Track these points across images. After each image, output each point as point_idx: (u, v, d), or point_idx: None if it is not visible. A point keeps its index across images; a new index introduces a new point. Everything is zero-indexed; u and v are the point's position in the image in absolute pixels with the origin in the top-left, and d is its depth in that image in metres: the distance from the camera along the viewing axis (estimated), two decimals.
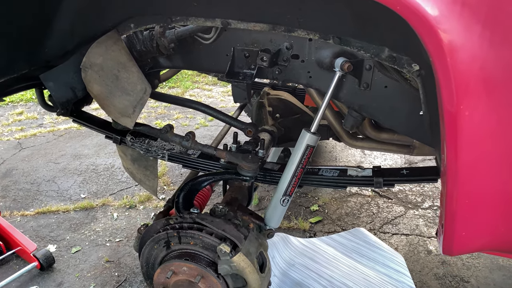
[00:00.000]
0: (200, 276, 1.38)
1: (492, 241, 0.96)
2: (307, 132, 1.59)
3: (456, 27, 0.71)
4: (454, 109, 0.76)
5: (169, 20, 1.58)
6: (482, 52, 0.73)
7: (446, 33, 0.71)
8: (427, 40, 0.73)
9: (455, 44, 0.72)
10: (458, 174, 0.84)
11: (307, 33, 1.48)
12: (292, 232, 2.85)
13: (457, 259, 2.59)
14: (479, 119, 0.77)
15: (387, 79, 1.50)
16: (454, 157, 0.82)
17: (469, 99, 0.75)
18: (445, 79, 0.75)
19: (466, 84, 0.74)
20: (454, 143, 0.80)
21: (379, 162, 3.87)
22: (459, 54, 0.72)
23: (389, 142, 2.00)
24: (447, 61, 0.72)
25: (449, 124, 0.79)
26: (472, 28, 0.72)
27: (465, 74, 0.74)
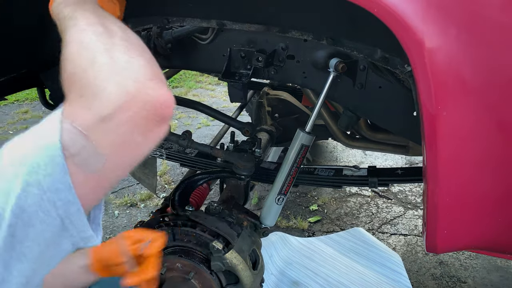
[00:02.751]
0: (193, 273, 1.40)
1: (477, 239, 0.97)
2: (302, 132, 1.61)
3: (433, 29, 0.73)
4: (432, 109, 0.78)
5: (166, 20, 1.61)
6: (459, 53, 0.74)
7: (422, 34, 0.72)
8: (404, 41, 0.75)
9: (432, 45, 0.74)
10: (437, 172, 0.85)
11: (300, 34, 1.50)
12: (291, 232, 2.87)
13: (455, 259, 2.59)
14: (457, 119, 0.79)
15: (381, 79, 1.52)
16: (433, 156, 0.84)
17: (446, 99, 0.77)
18: (422, 79, 0.76)
19: (443, 85, 0.76)
20: (432, 142, 0.82)
21: (379, 163, 3.88)
22: (436, 55, 0.74)
23: (385, 142, 2.02)
24: (425, 62, 0.74)
25: (427, 123, 0.81)
26: (448, 30, 0.73)
27: (442, 75, 0.75)
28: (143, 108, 0.60)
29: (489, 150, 0.81)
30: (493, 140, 0.80)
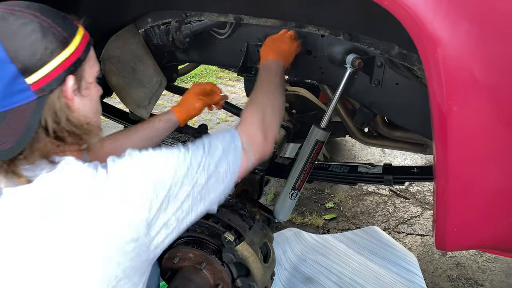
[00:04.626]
0: (205, 263, 1.43)
1: (487, 238, 0.96)
2: (316, 128, 1.61)
3: (444, 23, 0.72)
4: (442, 104, 0.77)
5: (184, 15, 1.63)
6: (470, 48, 0.73)
7: (433, 28, 0.72)
8: (415, 35, 0.74)
9: (443, 40, 0.73)
10: (447, 168, 0.84)
11: (317, 29, 1.49)
12: (306, 228, 2.87)
13: (473, 262, 2.54)
14: (468, 115, 0.78)
15: (398, 76, 1.50)
16: (443, 152, 0.83)
17: (457, 95, 0.76)
18: (434, 74, 0.76)
19: (454, 80, 0.75)
20: (442, 138, 0.81)
21: (398, 162, 3.82)
22: (447, 50, 0.73)
23: (402, 140, 1.99)
24: (436, 56, 0.73)
25: (438, 119, 0.80)
26: (460, 25, 0.72)
27: (453, 70, 0.74)
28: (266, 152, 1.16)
29: (500, 147, 0.80)
30: (505, 136, 0.78)
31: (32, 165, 0.84)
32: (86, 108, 0.92)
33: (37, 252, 0.82)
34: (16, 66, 0.79)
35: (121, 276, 0.87)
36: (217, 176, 0.98)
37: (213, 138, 1.04)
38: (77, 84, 0.89)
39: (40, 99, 0.82)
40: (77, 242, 0.82)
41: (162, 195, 0.88)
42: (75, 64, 0.87)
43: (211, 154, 0.98)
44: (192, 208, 0.95)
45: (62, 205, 0.82)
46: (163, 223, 0.90)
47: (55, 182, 0.84)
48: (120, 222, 0.84)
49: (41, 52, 0.81)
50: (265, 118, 1.16)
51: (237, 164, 1.04)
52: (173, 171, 0.90)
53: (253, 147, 1.09)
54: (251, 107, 1.20)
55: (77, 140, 0.92)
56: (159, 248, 0.94)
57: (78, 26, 0.91)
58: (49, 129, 0.85)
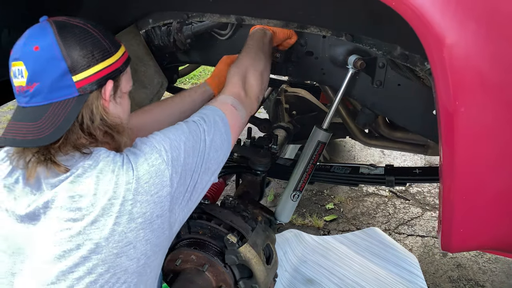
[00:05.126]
0: (207, 265, 1.42)
1: (492, 240, 0.95)
2: (318, 129, 1.61)
3: (452, 24, 0.72)
4: (449, 105, 0.77)
5: (186, 16, 1.63)
6: (478, 48, 0.73)
7: (441, 29, 0.71)
8: (423, 36, 0.74)
9: (450, 40, 0.73)
10: (454, 169, 0.84)
11: (319, 30, 1.49)
12: (306, 229, 2.86)
13: (473, 262, 2.54)
14: (475, 116, 0.78)
15: (401, 77, 1.50)
16: (450, 153, 0.82)
17: (464, 95, 0.76)
18: (441, 75, 0.75)
19: (461, 81, 0.75)
20: (449, 139, 0.80)
21: (398, 163, 3.82)
22: (454, 50, 0.73)
23: (403, 141, 2.00)
24: (443, 56, 0.73)
25: (445, 120, 0.79)
26: (467, 25, 0.72)
27: (460, 71, 0.74)
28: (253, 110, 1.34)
29: (507, 148, 0.79)
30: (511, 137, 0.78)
31: (67, 156, 0.94)
32: (118, 112, 1.04)
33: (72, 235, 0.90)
34: (66, 64, 0.90)
35: (149, 253, 0.96)
36: (216, 146, 1.10)
37: (203, 114, 1.14)
38: (114, 90, 1.00)
39: (81, 97, 0.93)
40: (114, 224, 0.90)
41: (180, 170, 0.99)
42: (115, 73, 0.99)
43: (207, 127, 1.09)
44: (199, 178, 1.06)
45: (97, 189, 0.91)
46: (182, 196, 1.01)
47: (90, 168, 0.93)
48: (150, 202, 0.93)
49: (89, 56, 0.93)
50: (247, 79, 1.33)
51: (228, 132, 1.15)
52: (183, 145, 1.02)
53: (241, 104, 1.25)
54: (233, 69, 1.35)
55: (108, 139, 1.02)
56: (177, 224, 1.04)
57: (121, 45, 1.05)
58: (84, 125, 0.95)
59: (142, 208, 0.92)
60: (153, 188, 0.94)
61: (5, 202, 0.96)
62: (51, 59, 0.89)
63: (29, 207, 0.93)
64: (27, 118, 0.91)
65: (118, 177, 0.92)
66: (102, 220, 0.89)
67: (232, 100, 1.23)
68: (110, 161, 0.94)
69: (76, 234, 0.89)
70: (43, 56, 0.89)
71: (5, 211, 0.96)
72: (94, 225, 0.89)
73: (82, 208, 0.90)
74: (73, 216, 0.90)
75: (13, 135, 0.90)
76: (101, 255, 0.90)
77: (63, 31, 0.91)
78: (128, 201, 0.91)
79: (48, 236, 0.91)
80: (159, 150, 0.97)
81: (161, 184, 0.95)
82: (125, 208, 0.91)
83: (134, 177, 0.92)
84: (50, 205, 0.91)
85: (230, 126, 1.16)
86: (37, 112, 0.91)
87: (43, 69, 0.89)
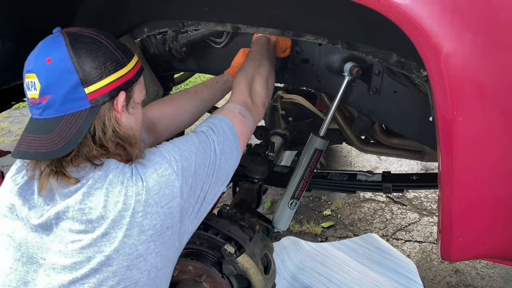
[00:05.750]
0: (205, 275, 1.40)
1: (493, 248, 0.95)
2: (315, 136, 1.60)
3: (449, 33, 0.72)
4: (447, 114, 0.76)
5: (181, 24, 1.62)
6: (475, 57, 0.73)
7: (438, 38, 0.71)
8: (420, 46, 0.74)
9: (448, 50, 0.73)
10: (453, 178, 0.84)
11: (315, 38, 1.49)
12: (304, 236, 2.85)
13: (471, 268, 2.54)
14: (473, 125, 0.77)
15: (397, 84, 1.50)
16: (449, 162, 0.82)
17: (462, 105, 0.76)
18: (438, 84, 0.75)
19: (459, 90, 0.74)
20: (448, 148, 0.80)
21: (394, 168, 3.83)
22: (452, 60, 0.73)
23: (400, 147, 2.00)
24: (440, 66, 0.72)
25: (443, 129, 0.79)
26: (464, 34, 0.72)
27: (458, 80, 0.74)
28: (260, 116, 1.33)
29: (507, 157, 0.79)
30: (510, 146, 0.78)
31: (78, 168, 0.94)
32: (131, 123, 1.03)
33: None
34: (78, 76, 0.90)
35: (160, 266, 0.96)
36: (225, 156, 1.09)
37: (211, 124, 1.13)
38: (127, 101, 1.00)
39: (93, 109, 0.93)
40: (124, 235, 0.90)
41: (190, 181, 0.99)
42: (127, 84, 0.98)
43: (216, 137, 1.08)
44: (209, 189, 1.05)
45: (106, 201, 0.91)
46: (192, 207, 1.01)
47: (100, 180, 0.93)
48: (160, 214, 0.93)
49: (101, 67, 0.92)
50: (253, 86, 1.32)
51: (237, 141, 1.14)
52: (194, 155, 1.01)
53: (248, 112, 1.24)
54: (239, 77, 1.35)
55: (121, 151, 1.03)
56: (186, 235, 1.04)
57: (134, 54, 1.03)
58: (96, 137, 0.95)
59: (153, 220, 0.92)
60: (163, 199, 0.93)
61: (21, 211, 0.97)
62: (63, 72, 0.89)
63: (42, 217, 0.94)
64: (40, 130, 0.91)
65: (128, 189, 0.91)
66: (113, 233, 0.89)
67: (239, 108, 1.22)
68: (119, 172, 0.94)
69: (87, 246, 0.89)
70: (55, 68, 0.89)
71: (21, 219, 0.97)
72: (105, 237, 0.89)
73: (92, 220, 0.90)
74: (84, 228, 0.90)
75: (26, 148, 0.91)
76: (111, 268, 0.89)
77: (75, 42, 0.91)
78: (138, 212, 0.91)
79: (60, 247, 0.92)
80: (168, 160, 0.97)
81: (171, 195, 0.94)
82: (135, 220, 0.91)
83: (144, 188, 0.92)
84: (61, 216, 0.92)
85: (238, 135, 1.15)
86: (50, 125, 0.91)
87: (56, 82, 0.89)
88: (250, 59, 1.42)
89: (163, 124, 1.41)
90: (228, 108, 1.23)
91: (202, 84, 1.52)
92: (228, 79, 1.53)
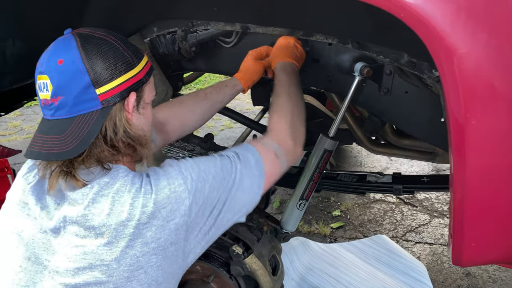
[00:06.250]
0: (213, 276, 1.40)
1: (506, 254, 0.93)
2: (325, 137, 1.59)
3: (462, 34, 0.70)
4: (460, 117, 0.74)
5: (191, 24, 1.62)
6: (489, 58, 0.71)
7: (451, 39, 0.70)
8: (432, 47, 0.72)
9: (461, 51, 0.71)
10: (465, 182, 0.82)
11: (325, 38, 1.48)
12: (313, 237, 2.83)
13: (483, 271, 2.50)
14: (487, 127, 0.75)
15: (408, 84, 1.48)
16: (461, 165, 0.80)
17: (476, 107, 0.74)
18: (451, 86, 0.73)
19: (472, 92, 0.73)
20: (460, 151, 0.78)
21: (405, 169, 3.79)
22: (465, 61, 0.71)
23: (411, 148, 1.97)
24: (453, 68, 0.71)
25: (455, 131, 0.77)
26: (478, 35, 0.70)
27: (471, 81, 0.72)
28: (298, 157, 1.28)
29: None
30: None
31: (88, 170, 0.95)
32: (141, 124, 1.03)
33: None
34: (89, 78, 0.90)
35: (160, 280, 0.95)
36: (243, 187, 1.07)
37: (240, 153, 1.11)
38: (137, 101, 1.00)
39: (104, 110, 0.93)
40: (128, 245, 0.90)
41: (201, 202, 0.98)
42: (138, 84, 0.99)
43: (240, 167, 1.07)
44: (220, 215, 1.04)
45: (111, 209, 0.90)
46: (198, 228, 1.00)
47: (107, 187, 0.93)
48: (165, 228, 0.92)
49: (112, 68, 0.93)
50: (293, 123, 1.27)
51: (261, 177, 1.11)
52: (211, 178, 1.01)
53: (285, 153, 1.19)
54: (278, 114, 1.29)
55: (131, 151, 1.02)
56: (192, 255, 1.03)
57: (144, 55, 1.04)
58: (107, 137, 0.95)
59: (157, 234, 0.91)
60: (170, 215, 0.93)
61: (34, 210, 0.98)
62: (75, 73, 0.90)
63: (52, 220, 0.95)
64: (52, 131, 0.92)
65: (135, 199, 0.91)
66: (115, 242, 0.89)
67: (276, 148, 1.18)
68: (129, 182, 0.94)
69: (89, 252, 0.89)
70: (67, 70, 0.90)
71: (33, 219, 0.98)
72: (107, 246, 0.89)
73: (95, 227, 0.90)
74: (88, 234, 0.90)
75: (39, 149, 0.92)
76: (112, 278, 0.89)
77: (86, 44, 0.92)
78: (142, 224, 0.90)
79: (66, 250, 0.92)
80: (185, 177, 0.97)
81: (179, 212, 0.94)
82: (139, 231, 0.90)
83: (152, 201, 0.92)
84: (68, 220, 0.92)
85: (265, 173, 1.12)
86: (62, 125, 0.92)
87: (67, 83, 0.90)
88: (284, 92, 1.35)
89: (173, 125, 1.41)
90: (265, 143, 1.19)
91: (211, 87, 1.51)
92: (237, 84, 1.51)
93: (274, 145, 1.18)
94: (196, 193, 0.97)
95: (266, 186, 1.14)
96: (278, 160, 1.17)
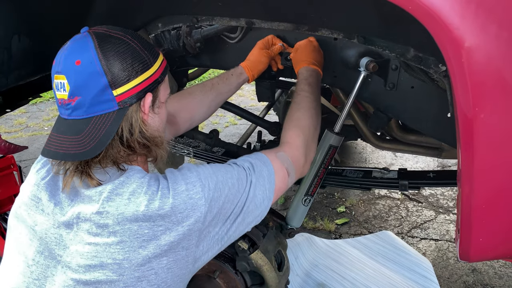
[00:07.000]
0: (218, 272, 1.40)
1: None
2: (330, 132, 1.58)
3: (471, 27, 0.69)
4: (468, 111, 0.74)
5: (195, 19, 1.62)
6: (499, 52, 0.70)
7: (460, 32, 0.69)
8: (440, 40, 0.71)
9: (470, 44, 0.70)
10: (473, 177, 0.81)
11: (331, 32, 1.47)
12: (318, 233, 2.83)
13: (489, 267, 2.49)
14: (496, 121, 0.75)
15: (414, 79, 1.47)
16: (469, 160, 0.79)
17: (484, 101, 0.73)
18: (459, 80, 0.73)
19: (481, 86, 0.72)
20: (468, 146, 0.78)
21: (410, 165, 3.78)
22: (474, 54, 0.70)
23: (417, 144, 1.96)
24: (462, 61, 0.70)
25: (463, 126, 0.77)
26: (488, 28, 0.69)
27: (480, 75, 0.71)
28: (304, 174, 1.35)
29: None
30: None
31: (103, 170, 0.95)
32: (156, 123, 1.04)
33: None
34: (107, 79, 0.90)
35: (169, 282, 0.95)
36: (256, 201, 1.07)
37: (254, 164, 1.11)
38: (152, 102, 1.00)
39: (121, 110, 0.93)
40: (142, 247, 0.90)
41: (215, 211, 0.98)
42: (154, 84, 0.98)
43: (254, 180, 1.07)
44: (232, 227, 1.04)
45: (126, 209, 0.90)
46: (210, 236, 1.00)
47: (121, 186, 0.93)
48: (179, 232, 0.92)
49: (129, 69, 0.93)
50: (308, 140, 1.28)
51: (271, 191, 1.12)
52: (228, 190, 1.01)
53: (295, 171, 1.21)
54: (296, 128, 1.30)
55: (146, 152, 1.02)
56: (200, 262, 1.02)
57: (159, 53, 1.03)
58: (124, 138, 0.96)
59: (170, 237, 0.92)
60: (185, 220, 0.93)
61: (48, 206, 0.98)
62: (92, 74, 0.90)
63: (66, 215, 0.95)
64: (69, 131, 0.93)
65: (150, 201, 0.91)
66: (128, 241, 0.89)
67: (289, 164, 1.19)
68: (145, 184, 0.94)
69: (101, 250, 0.90)
70: (84, 71, 0.90)
71: (46, 214, 0.98)
72: (119, 245, 0.89)
73: (108, 225, 0.90)
74: (101, 232, 0.90)
75: (56, 148, 0.93)
76: (123, 277, 0.89)
77: (103, 43, 0.92)
78: (157, 226, 0.91)
79: (78, 247, 0.92)
80: (203, 185, 0.97)
81: (194, 218, 0.94)
82: (153, 233, 0.90)
83: (169, 204, 0.92)
84: (81, 217, 0.93)
85: (275, 188, 1.13)
86: (79, 126, 0.92)
87: (85, 84, 0.90)
88: (306, 106, 1.35)
89: (182, 117, 1.43)
90: (279, 157, 1.19)
91: (217, 77, 1.52)
92: (242, 72, 1.52)
93: (288, 161, 1.19)
94: (212, 202, 0.97)
95: (273, 201, 1.15)
96: (288, 178, 1.18)
